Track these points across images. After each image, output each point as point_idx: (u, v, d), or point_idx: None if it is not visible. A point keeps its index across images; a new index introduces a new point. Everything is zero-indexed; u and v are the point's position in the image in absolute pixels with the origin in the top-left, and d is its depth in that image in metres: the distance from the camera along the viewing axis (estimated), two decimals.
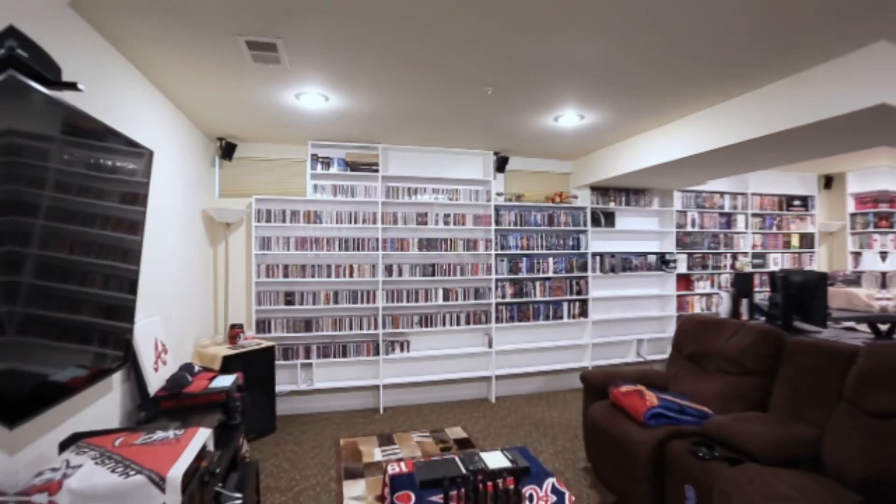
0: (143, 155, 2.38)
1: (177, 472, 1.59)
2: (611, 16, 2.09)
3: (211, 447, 2.00)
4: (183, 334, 3.50)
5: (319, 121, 3.74)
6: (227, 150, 4.19)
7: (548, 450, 3.59)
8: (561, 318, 5.07)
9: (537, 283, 5.00)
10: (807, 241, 6.35)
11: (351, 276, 4.46)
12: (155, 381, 2.58)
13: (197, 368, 2.91)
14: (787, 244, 6.28)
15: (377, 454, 3.54)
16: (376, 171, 4.55)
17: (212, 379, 2.74)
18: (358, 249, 4.51)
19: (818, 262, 6.44)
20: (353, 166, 4.52)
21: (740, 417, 2.47)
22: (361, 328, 4.51)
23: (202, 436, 1.89)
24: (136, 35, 2.29)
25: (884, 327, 4.07)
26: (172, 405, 2.50)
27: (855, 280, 5.59)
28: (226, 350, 3.64)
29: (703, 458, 2.32)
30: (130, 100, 2.59)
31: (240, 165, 4.41)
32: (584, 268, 5.18)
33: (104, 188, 2.03)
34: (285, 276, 4.32)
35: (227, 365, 3.48)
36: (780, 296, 3.39)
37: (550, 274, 5.05)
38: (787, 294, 3.36)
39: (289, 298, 4.35)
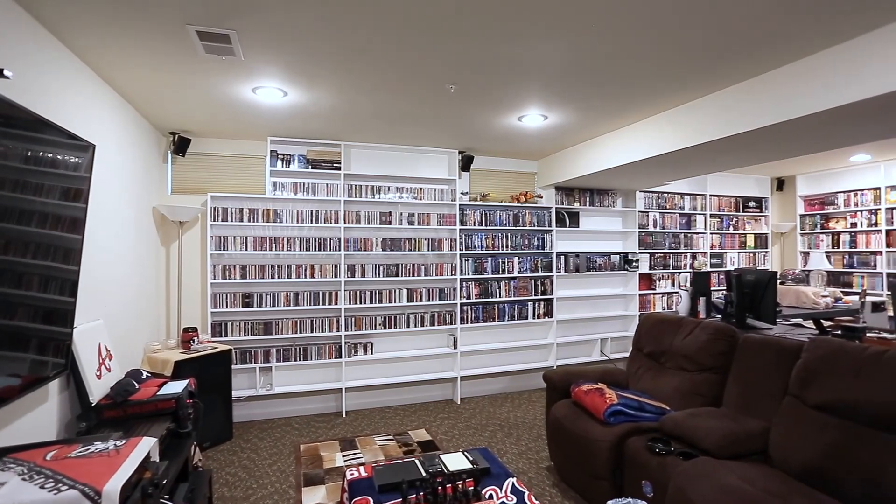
0: (85, 149, 2.24)
1: (114, 485, 1.49)
2: (571, 19, 2.10)
3: (156, 457, 1.89)
4: (131, 339, 3.32)
5: (278, 116, 3.63)
6: (181, 146, 4.01)
7: (512, 450, 3.59)
8: (526, 318, 5.10)
9: (502, 283, 5.01)
10: (761, 241, 6.62)
11: (312, 276, 4.35)
12: (98, 389, 2.43)
13: (145, 375, 2.76)
14: (743, 244, 6.52)
15: (339, 459, 3.46)
16: (338, 168, 4.46)
17: (161, 385, 2.61)
18: (319, 249, 4.41)
19: (771, 261, 6.72)
20: (314, 164, 4.41)
21: (695, 413, 2.53)
22: (323, 330, 4.41)
23: (145, 445, 1.79)
24: (78, 23, 2.15)
25: (827, 323, 4.27)
26: (117, 414, 2.36)
27: (804, 279, 5.86)
28: (178, 355, 3.48)
29: (660, 453, 2.36)
30: (71, 91, 2.44)
31: (194, 161, 4.23)
32: (549, 268, 5.23)
33: (41, 183, 1.90)
34: (243, 277, 4.17)
35: (180, 370, 3.33)
36: (734, 294, 3.50)
37: (515, 274, 5.07)
38: (740, 292, 3.48)
39: (247, 300, 4.20)
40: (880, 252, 5.61)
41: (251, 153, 4.39)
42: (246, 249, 4.22)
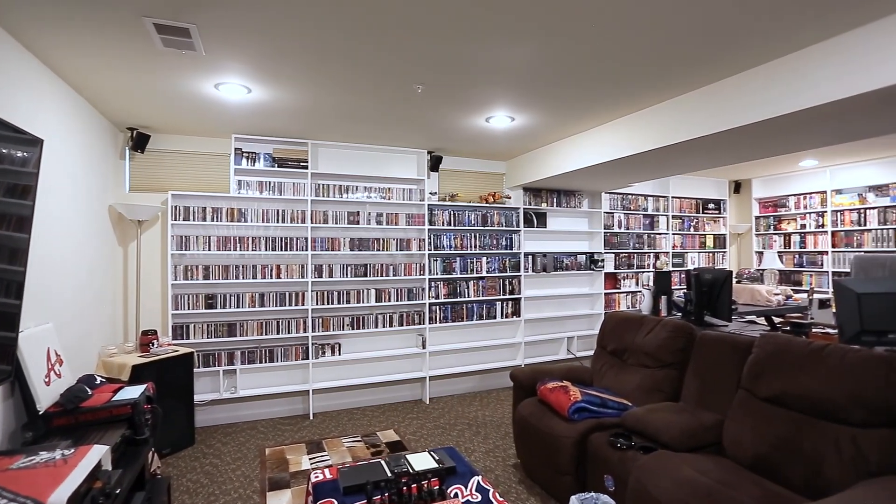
0: (32, 143, 2.14)
1: (60, 496, 1.43)
2: (535, 23, 2.13)
3: (108, 466, 1.83)
4: (85, 343, 3.19)
5: (243, 113, 3.55)
6: (139, 142, 3.87)
7: (479, 448, 3.62)
8: (494, 317, 5.14)
9: (471, 283, 5.04)
10: (719, 241, 6.88)
11: (278, 277, 4.27)
12: (46, 397, 2.31)
13: (99, 380, 2.65)
14: (703, 244, 6.77)
15: (305, 462, 3.41)
16: (305, 167, 4.39)
17: (117, 391, 2.51)
18: (286, 249, 4.33)
19: (729, 260, 7.00)
20: (280, 162, 4.33)
21: (654, 408, 2.61)
22: (290, 331, 4.33)
23: (96, 454, 1.72)
24: (26, 13, 2.05)
25: (777, 320, 4.48)
26: (67, 422, 2.25)
27: (758, 277, 6.13)
28: (136, 359, 3.35)
29: (621, 448, 2.43)
30: (17, 84, 2.31)
31: (154, 158, 4.09)
32: (516, 267, 5.30)
33: None
34: (206, 277, 4.05)
35: (138, 375, 3.21)
36: (693, 293, 3.64)
37: (484, 274, 5.11)
38: (699, 291, 3.61)
39: (210, 301, 4.09)
40: (826, 252, 5.93)
41: (215, 151, 4.27)
42: (209, 249, 4.11)
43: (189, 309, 4.02)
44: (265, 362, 4.25)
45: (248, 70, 2.73)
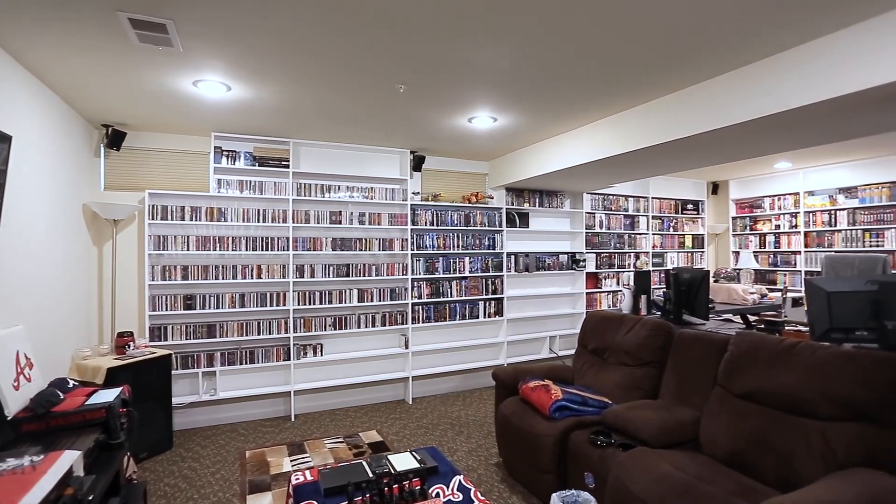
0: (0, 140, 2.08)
1: None
2: (516, 23, 2.15)
3: (80, 471, 1.78)
4: (57, 346, 3.10)
5: (222, 111, 3.50)
6: (115, 139, 3.78)
7: (462, 448, 3.63)
8: (477, 317, 5.16)
9: (454, 283, 5.05)
10: (698, 241, 7.02)
11: (259, 277, 4.22)
12: (15, 402, 2.25)
13: (72, 384, 2.58)
14: (682, 244, 6.89)
15: (286, 464, 3.37)
16: (287, 166, 4.34)
17: (90, 394, 2.45)
18: (267, 249, 4.28)
19: (707, 260, 7.15)
20: (261, 161, 4.27)
21: (633, 406, 2.65)
22: (271, 332, 4.28)
23: (67, 459, 1.68)
24: None
25: (753, 318, 4.59)
26: (37, 427, 2.19)
27: (735, 276, 6.26)
28: (111, 361, 3.27)
29: (601, 445, 2.46)
30: None
31: (130, 156, 4.00)
32: (499, 267, 5.32)
33: None
34: (185, 278, 3.98)
35: (113, 378, 3.14)
36: (671, 292, 3.70)
37: (467, 273, 5.12)
38: (677, 290, 3.67)
39: (189, 302, 4.02)
40: (799, 252, 6.09)
41: (194, 149, 4.20)
42: (188, 249, 4.04)
43: (167, 310, 3.94)
44: (246, 363, 4.19)
45: (228, 67, 2.69)
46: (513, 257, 5.42)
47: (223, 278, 4.10)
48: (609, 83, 2.94)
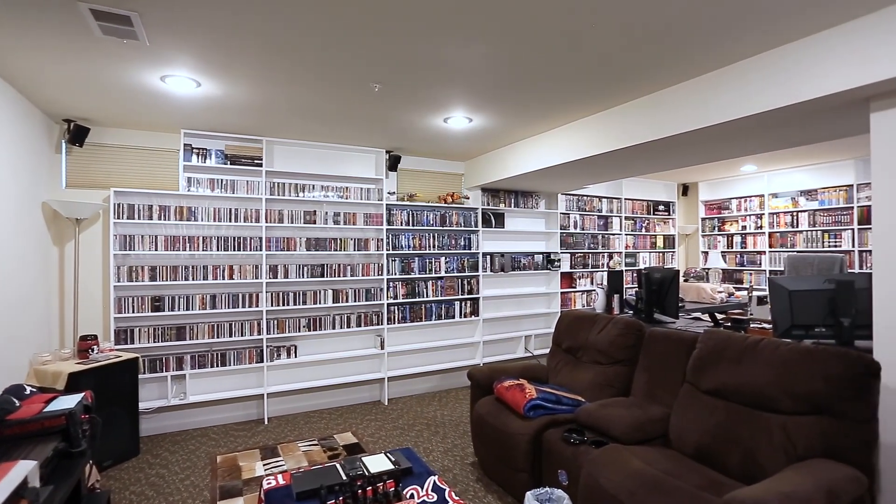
0: None
1: None
2: (490, 25, 2.16)
3: (36, 482, 1.70)
4: (13, 351, 2.97)
5: (192, 108, 3.41)
6: (77, 135, 3.64)
7: (438, 448, 3.62)
8: (453, 317, 5.17)
9: (429, 283, 5.05)
10: (669, 241, 7.19)
11: (231, 278, 4.13)
12: None
13: (29, 390, 2.47)
14: (654, 244, 7.05)
15: (259, 468, 3.31)
16: (260, 165, 4.26)
17: (50, 401, 2.34)
18: (239, 249, 4.19)
19: (678, 260, 7.33)
20: (233, 159, 4.18)
21: (605, 403, 2.69)
22: (243, 334, 4.19)
23: (21, 470, 1.60)
24: None
25: (720, 316, 4.73)
26: None
27: (703, 276, 6.44)
28: (73, 366, 3.15)
29: (574, 443, 2.50)
30: None
31: (94, 153, 3.86)
32: (475, 267, 5.34)
33: None
34: (153, 279, 3.87)
35: (75, 383, 3.02)
36: (643, 291, 3.78)
37: (443, 273, 5.13)
38: (648, 290, 3.76)
39: (157, 304, 3.90)
40: (764, 252, 6.31)
41: (162, 146, 4.08)
42: (156, 249, 3.92)
43: (134, 312, 3.82)
44: (217, 366, 4.10)
45: (197, 63, 2.62)
46: (488, 257, 5.45)
47: (193, 279, 4.00)
48: (582, 86, 2.99)
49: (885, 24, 2.00)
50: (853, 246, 5.46)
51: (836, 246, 5.61)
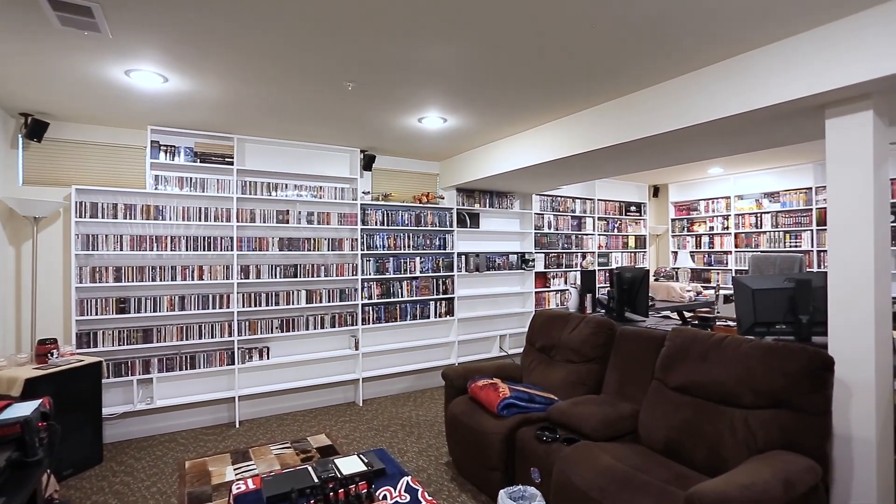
0: None
1: None
2: (464, 26, 2.16)
3: None
4: None
5: (160, 104, 3.31)
6: (35, 130, 3.48)
7: (412, 448, 3.62)
8: (428, 317, 5.17)
9: (404, 283, 5.03)
10: (640, 241, 7.35)
11: (201, 278, 4.03)
12: None
13: None
14: (626, 244, 7.20)
15: (229, 473, 3.24)
16: (231, 163, 4.17)
17: (3, 408, 2.24)
18: (209, 249, 4.09)
19: (649, 260, 7.50)
20: (202, 157, 4.08)
21: (577, 401, 2.74)
22: (213, 336, 4.09)
23: None
24: None
25: (688, 314, 4.86)
26: None
27: (673, 275, 6.61)
28: (31, 371, 3.02)
29: (546, 441, 2.53)
30: None
31: (54, 149, 3.71)
32: (450, 267, 5.35)
33: None
34: (118, 280, 3.74)
35: (33, 389, 2.90)
36: (615, 290, 3.85)
37: (417, 274, 5.12)
38: (620, 289, 3.83)
39: (122, 306, 3.77)
40: (730, 252, 6.52)
41: (128, 143, 3.95)
42: (121, 249, 3.79)
43: (97, 314, 3.68)
44: (186, 369, 3.99)
45: (163, 58, 2.55)
46: (463, 257, 5.47)
47: (161, 280, 3.89)
48: (555, 88, 3.02)
49: (836, 35, 2.09)
50: (812, 246, 5.69)
51: (796, 246, 5.83)
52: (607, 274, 6.80)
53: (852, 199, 2.19)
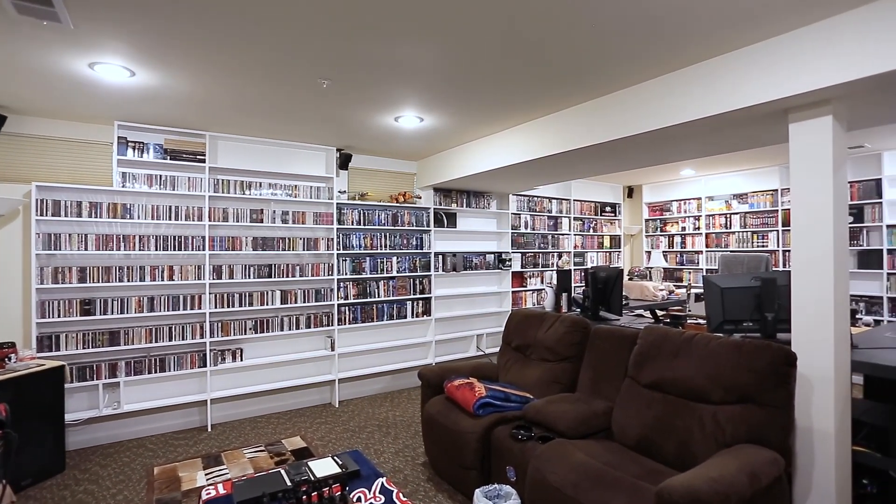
0: None
1: None
2: (440, 25, 2.16)
3: None
4: None
5: (127, 99, 3.21)
6: None
7: (389, 449, 3.59)
8: (405, 317, 5.15)
9: (381, 283, 5.00)
10: (615, 241, 7.48)
11: (171, 279, 3.92)
12: None
13: None
14: (601, 244, 7.31)
15: (201, 478, 3.16)
16: (202, 161, 4.07)
17: None
18: (180, 249, 3.98)
19: (623, 259, 7.63)
20: (173, 154, 3.97)
21: (552, 400, 2.76)
22: (184, 338, 3.99)
23: None
24: None
25: (661, 313, 4.97)
26: None
27: (647, 274, 6.75)
28: None
29: (522, 439, 2.54)
30: None
31: (13, 144, 3.55)
32: (427, 267, 5.34)
33: None
34: (82, 280, 3.61)
35: None
36: (589, 289, 3.90)
37: (394, 273, 5.09)
38: (594, 288, 3.88)
39: (87, 307, 3.64)
40: (701, 251, 6.69)
41: (93, 138, 3.81)
42: (86, 249, 3.66)
43: (60, 316, 3.55)
44: (155, 372, 3.88)
45: (129, 51, 2.47)
46: (441, 257, 5.46)
47: (129, 280, 3.77)
48: (531, 89, 3.05)
49: (802, 42, 2.16)
50: (778, 246, 5.88)
51: (763, 246, 6.02)
52: (583, 273, 6.90)
53: (813, 200, 2.27)
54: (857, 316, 4.93)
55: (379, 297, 4.98)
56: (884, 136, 4.51)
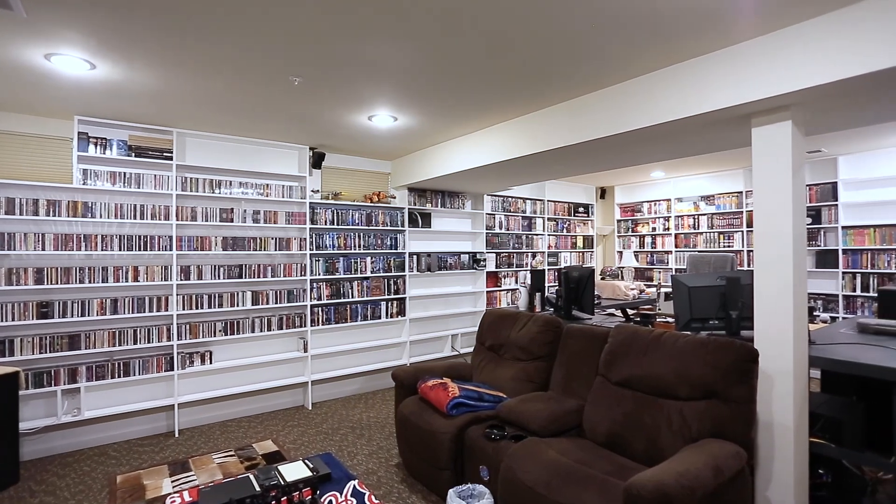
0: None
1: None
2: (414, 24, 2.14)
3: None
4: None
5: (87, 92, 3.08)
6: None
7: (363, 451, 3.56)
8: (379, 317, 5.11)
9: (355, 284, 4.95)
10: (588, 241, 7.60)
11: (136, 280, 3.79)
12: None
13: None
14: (574, 244, 7.42)
15: (167, 486, 3.06)
16: (170, 158, 3.95)
17: None
18: (145, 249, 3.85)
19: (596, 259, 7.76)
20: (138, 151, 3.84)
21: (525, 399, 2.78)
22: (150, 341, 3.86)
23: None
24: None
25: (632, 312, 5.07)
26: None
27: (618, 274, 6.87)
28: None
29: (495, 439, 2.56)
30: None
31: None
32: (401, 267, 5.32)
33: None
34: (39, 282, 3.45)
35: None
36: (562, 289, 3.95)
37: (368, 274, 5.05)
38: (567, 287, 3.93)
39: (44, 310, 3.48)
40: (671, 252, 6.86)
41: (51, 133, 3.65)
42: (43, 249, 3.50)
43: (14, 320, 3.38)
44: (119, 377, 3.74)
45: (89, 42, 2.37)
46: (415, 257, 5.45)
47: (90, 282, 3.62)
48: (505, 90, 3.06)
49: (765, 48, 2.24)
50: (743, 246, 6.08)
51: (729, 246, 6.22)
52: (556, 273, 6.99)
53: (774, 202, 2.36)
54: (814, 313, 5.14)
55: (353, 297, 4.93)
56: (839, 142, 4.71)
